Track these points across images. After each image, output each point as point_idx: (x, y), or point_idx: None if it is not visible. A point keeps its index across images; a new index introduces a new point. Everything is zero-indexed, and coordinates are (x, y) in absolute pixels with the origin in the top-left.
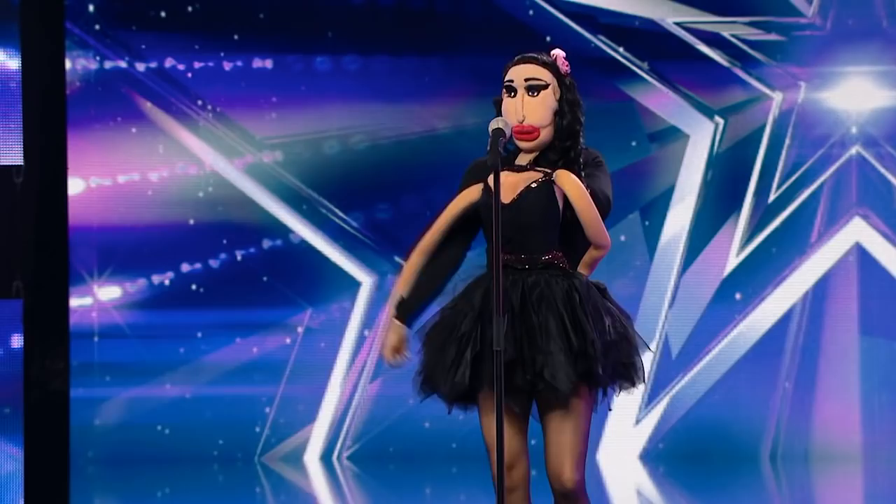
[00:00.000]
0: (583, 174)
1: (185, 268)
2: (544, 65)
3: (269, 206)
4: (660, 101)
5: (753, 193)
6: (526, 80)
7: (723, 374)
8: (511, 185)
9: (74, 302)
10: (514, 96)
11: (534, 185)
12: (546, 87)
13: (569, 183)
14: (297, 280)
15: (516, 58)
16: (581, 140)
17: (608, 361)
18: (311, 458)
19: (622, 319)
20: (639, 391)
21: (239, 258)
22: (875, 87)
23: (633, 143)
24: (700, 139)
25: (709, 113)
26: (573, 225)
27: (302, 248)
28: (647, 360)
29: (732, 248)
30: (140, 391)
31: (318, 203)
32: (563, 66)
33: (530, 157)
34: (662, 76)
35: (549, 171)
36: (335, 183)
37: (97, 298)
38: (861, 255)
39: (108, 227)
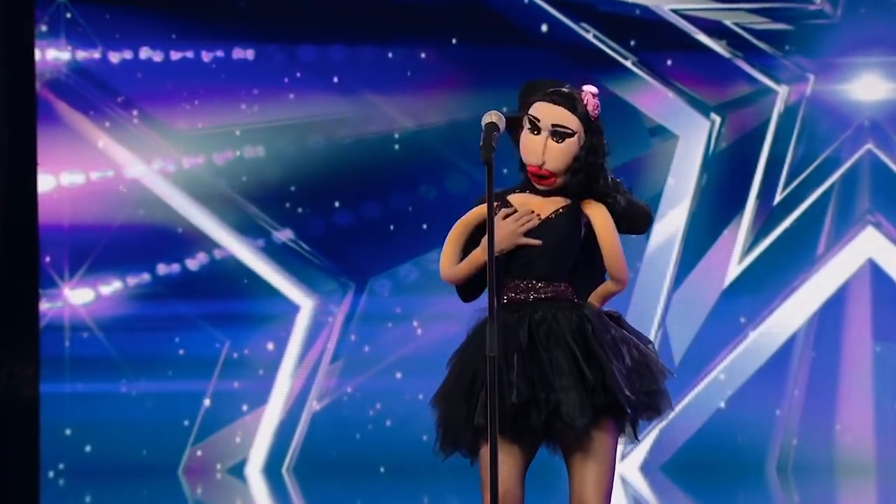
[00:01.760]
0: (617, 205)
1: (162, 269)
2: (575, 111)
3: (194, 215)
4: (648, 97)
5: (757, 195)
6: (553, 125)
7: (728, 396)
8: (537, 207)
9: (45, 305)
10: (537, 135)
11: (561, 210)
12: (573, 135)
13: (595, 211)
14: (218, 304)
15: (549, 92)
16: (605, 174)
17: (631, 391)
18: (253, 471)
19: (641, 347)
20: (666, 419)
21: (160, 274)
22: (889, 79)
23: (615, 145)
24: (692, 140)
25: (704, 110)
26: (587, 258)
27: (228, 265)
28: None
29: (734, 256)
30: (113, 398)
31: (252, 213)
32: (594, 112)
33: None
34: (653, 69)
35: (574, 198)
36: (274, 186)
37: (68, 301)
38: (874, 272)
39: (81, 227)
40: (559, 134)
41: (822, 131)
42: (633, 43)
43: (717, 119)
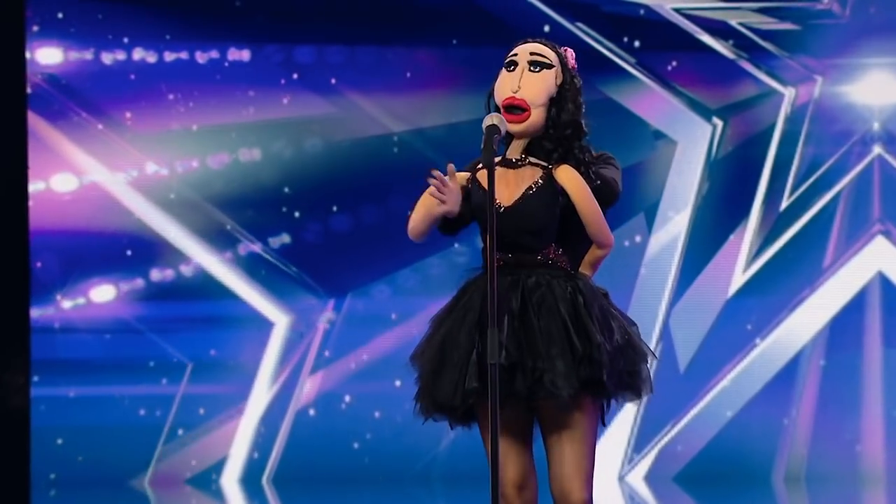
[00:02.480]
0: (591, 171)
1: (156, 275)
2: (553, 48)
3: (188, 220)
4: (648, 101)
5: (763, 201)
6: (531, 54)
7: (732, 414)
8: (509, 184)
9: (36, 313)
10: (513, 70)
11: (534, 187)
12: (550, 67)
13: (568, 178)
14: (185, 321)
15: (519, 41)
16: (585, 136)
17: (614, 369)
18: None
19: (627, 326)
20: (642, 403)
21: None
22: None
23: (613, 152)
24: (692, 145)
25: (706, 114)
26: (573, 224)
27: (198, 280)
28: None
29: (739, 263)
30: (105, 405)
31: (228, 225)
32: (571, 60)
33: (522, 145)
34: (652, 72)
35: (545, 164)
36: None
37: (60, 309)
38: (884, 284)
39: (73, 232)
40: (536, 63)
41: (830, 134)
42: (635, 44)
43: (720, 123)
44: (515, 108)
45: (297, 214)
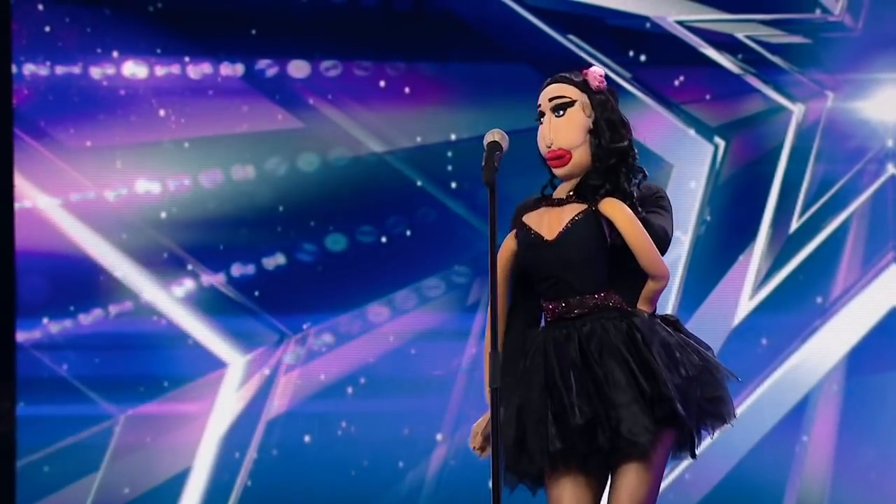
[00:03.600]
0: (638, 210)
1: (146, 298)
2: (570, 82)
3: (181, 238)
4: (646, 119)
5: (770, 224)
6: (550, 100)
7: (744, 449)
8: (553, 220)
9: (22, 336)
10: (543, 121)
11: (577, 217)
12: (572, 104)
13: (614, 209)
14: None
15: (547, 80)
16: (633, 164)
17: (690, 401)
18: None
19: (702, 352)
20: (731, 427)
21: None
22: None
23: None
24: (689, 168)
25: (707, 134)
26: (625, 259)
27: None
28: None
29: (745, 291)
30: (94, 437)
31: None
32: (596, 82)
33: (570, 186)
34: (648, 87)
35: (592, 201)
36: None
37: (48, 332)
38: None
39: (60, 252)
40: (558, 107)
41: (841, 153)
42: (639, 58)
43: (722, 143)
44: (556, 159)
45: (292, 234)
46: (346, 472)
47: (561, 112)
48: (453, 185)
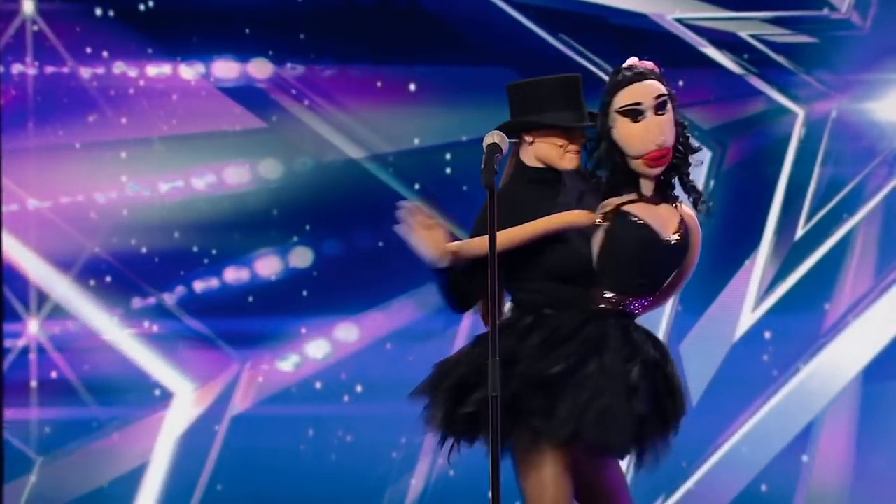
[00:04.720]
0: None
1: (137, 303)
2: (659, 76)
3: (176, 240)
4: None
5: (775, 231)
6: (656, 98)
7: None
8: (659, 219)
9: (8, 343)
10: (640, 119)
11: (681, 223)
12: (668, 101)
13: (696, 225)
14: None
15: (625, 75)
16: (693, 153)
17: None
18: None
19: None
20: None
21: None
22: None
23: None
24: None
25: (701, 137)
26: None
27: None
28: None
29: (747, 303)
30: (84, 448)
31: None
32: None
33: (651, 184)
34: None
35: (672, 204)
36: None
37: (35, 339)
38: None
39: (48, 255)
40: (660, 105)
41: (847, 156)
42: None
43: (724, 146)
44: (662, 158)
45: (286, 237)
46: (342, 480)
47: (663, 110)
48: (452, 187)
